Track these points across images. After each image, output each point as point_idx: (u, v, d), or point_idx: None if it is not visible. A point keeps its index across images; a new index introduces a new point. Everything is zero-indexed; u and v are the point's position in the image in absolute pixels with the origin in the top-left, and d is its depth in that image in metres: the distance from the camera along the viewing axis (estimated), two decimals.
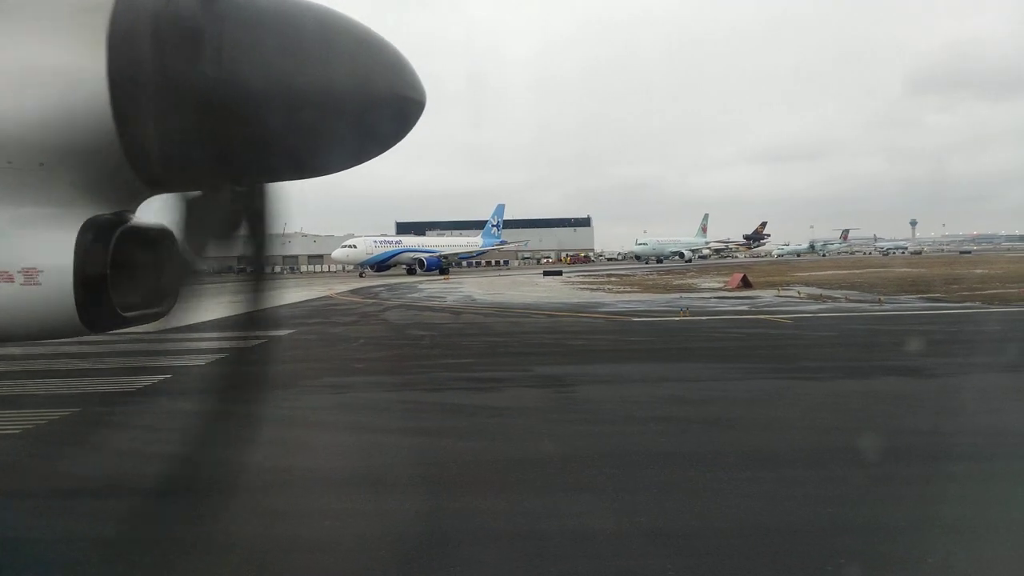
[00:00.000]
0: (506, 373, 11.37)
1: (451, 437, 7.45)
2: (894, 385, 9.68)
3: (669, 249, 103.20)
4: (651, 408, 8.62)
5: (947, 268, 47.96)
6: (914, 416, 7.96)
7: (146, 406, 9.10)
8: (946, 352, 12.79)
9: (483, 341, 16.07)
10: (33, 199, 2.89)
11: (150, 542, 4.70)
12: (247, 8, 2.98)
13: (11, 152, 2.82)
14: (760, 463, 6.12)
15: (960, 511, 4.91)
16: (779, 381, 10.33)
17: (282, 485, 5.84)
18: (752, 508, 5.05)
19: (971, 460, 6.12)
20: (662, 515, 4.97)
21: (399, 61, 3.28)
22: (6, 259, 2.87)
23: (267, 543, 4.68)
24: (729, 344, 14.73)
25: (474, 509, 5.25)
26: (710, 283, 36.97)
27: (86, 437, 7.70)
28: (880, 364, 11.44)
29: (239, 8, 2.95)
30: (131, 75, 2.80)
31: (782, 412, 8.26)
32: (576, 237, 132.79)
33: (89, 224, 2.96)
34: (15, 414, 8.18)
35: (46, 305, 2.93)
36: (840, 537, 4.56)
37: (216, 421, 4.52)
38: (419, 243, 72.46)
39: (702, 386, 9.93)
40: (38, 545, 4.69)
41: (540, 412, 8.49)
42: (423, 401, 9.31)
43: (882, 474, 5.79)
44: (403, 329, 18.91)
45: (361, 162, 3.56)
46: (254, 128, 3.02)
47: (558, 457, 6.47)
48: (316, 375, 11.18)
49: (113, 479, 6.05)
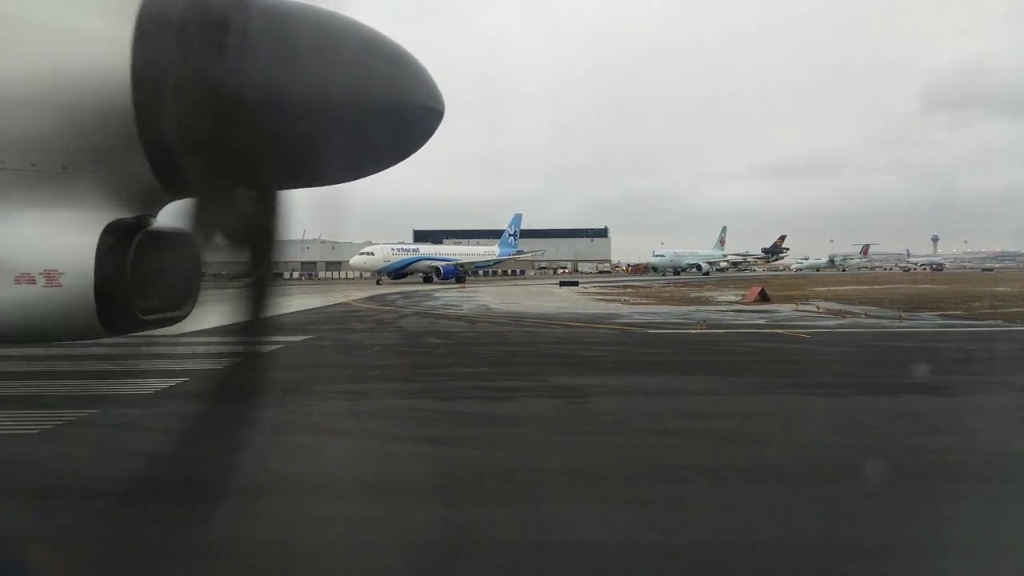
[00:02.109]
0: (520, 383, 11.35)
1: (463, 446, 7.45)
2: (913, 403, 9.54)
3: (686, 261, 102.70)
4: (665, 421, 8.56)
5: (969, 285, 47.34)
6: (933, 435, 7.83)
7: (162, 409, 9.17)
8: (966, 370, 12.60)
9: (498, 350, 16.06)
10: (56, 202, 2.93)
11: (160, 544, 4.73)
12: (275, 14, 3.02)
13: (35, 155, 2.87)
14: (775, 478, 6.05)
15: (977, 532, 4.83)
16: (795, 396, 10.22)
17: (294, 491, 5.86)
18: (765, 524, 5.00)
19: (990, 480, 6.01)
20: (674, 529, 4.93)
21: (419, 71, 3.32)
22: (28, 261, 2.91)
23: (278, 548, 4.69)
24: (746, 358, 14.61)
25: (485, 519, 5.24)
26: (727, 296, 36.74)
27: (103, 438, 7.78)
28: (899, 381, 11.29)
29: (267, 14, 2.99)
30: (155, 80, 2.83)
31: (798, 427, 8.17)
32: (593, 248, 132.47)
33: (111, 227, 3.00)
34: (34, 414, 8.29)
35: (66, 307, 2.97)
36: (853, 556, 4.50)
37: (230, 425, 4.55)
38: (436, 251, 72.77)
39: (717, 399, 9.85)
40: (49, 544, 4.73)
41: (553, 423, 8.46)
42: (436, 409, 9.31)
43: (898, 493, 5.71)
44: (418, 337, 18.95)
45: (380, 170, 3.59)
46: (277, 135, 3.06)
47: (571, 468, 6.44)
48: (330, 381, 11.23)
49: (127, 481, 6.10)
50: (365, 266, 63.85)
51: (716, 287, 50.25)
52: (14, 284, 2.90)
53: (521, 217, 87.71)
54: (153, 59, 2.82)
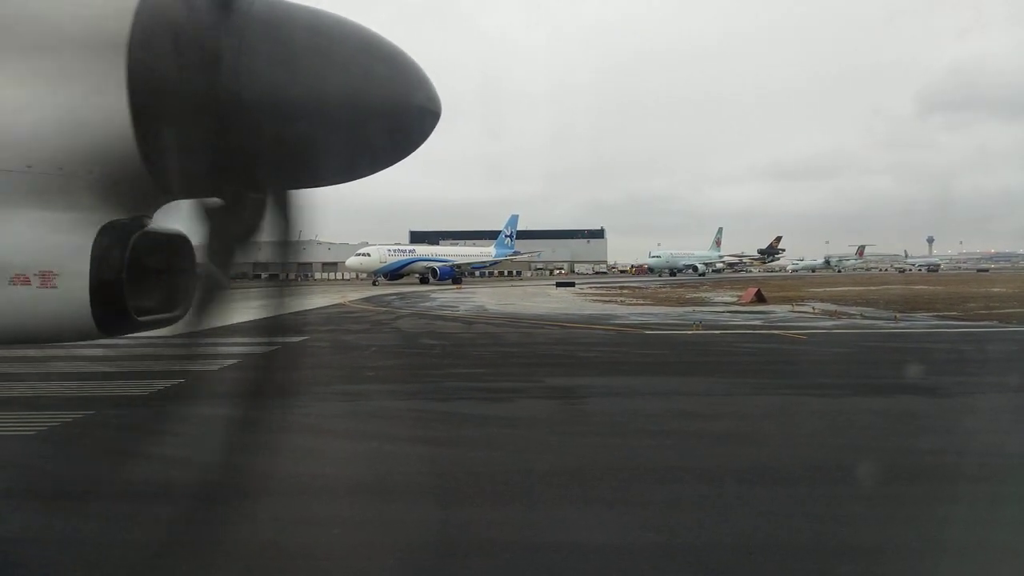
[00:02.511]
0: (517, 384, 11.35)
1: (460, 447, 7.45)
2: (909, 404, 9.57)
3: (683, 262, 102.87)
4: (662, 422, 8.57)
5: (964, 286, 47.49)
6: (928, 436, 7.85)
7: (158, 410, 9.15)
8: (962, 371, 12.64)
9: (494, 351, 16.06)
10: (51, 203, 2.93)
11: (156, 545, 4.73)
12: (268, 18, 3.01)
13: (31, 156, 2.86)
14: (771, 480, 6.06)
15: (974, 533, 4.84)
16: (791, 397, 10.23)
17: (291, 492, 5.85)
18: (761, 525, 5.01)
19: (986, 481, 6.03)
20: (671, 529, 4.93)
21: (415, 71, 3.31)
22: (23, 262, 2.90)
23: (275, 550, 4.68)
24: (742, 359, 14.64)
25: (482, 520, 5.24)
26: (724, 297, 36.79)
27: (99, 440, 7.77)
28: (895, 382, 11.32)
29: (260, 17, 2.98)
30: (150, 82, 2.83)
31: (794, 428, 8.19)
32: (589, 249, 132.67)
33: (106, 228, 2.99)
34: (30, 415, 8.27)
35: (62, 308, 2.96)
36: (849, 557, 4.51)
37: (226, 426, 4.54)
38: (432, 252, 72.78)
39: (714, 400, 9.87)
40: (45, 546, 4.72)
41: (550, 424, 8.46)
42: (433, 410, 9.31)
43: (895, 494, 5.73)
44: (415, 338, 18.94)
45: (375, 171, 3.59)
46: (271, 137, 3.05)
47: (567, 469, 6.44)
48: (327, 382, 11.21)
49: (123, 482, 6.09)
50: (361, 267, 63.87)
51: (712, 288, 50.33)
52: (9, 285, 2.89)
53: (518, 218, 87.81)
54: (149, 59, 2.82)
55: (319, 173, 3.42)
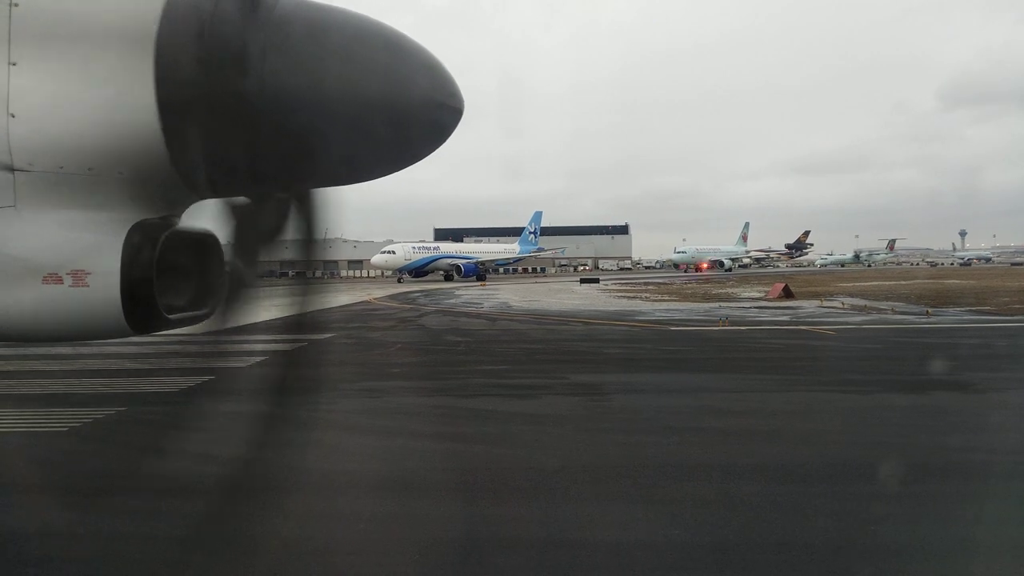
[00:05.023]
0: (541, 380, 11.33)
1: (484, 444, 7.45)
2: (941, 400, 9.39)
3: (708, 258, 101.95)
4: (688, 419, 8.51)
5: (999, 281, 46.46)
6: (960, 433, 7.69)
7: (188, 407, 9.29)
8: (995, 367, 12.37)
9: (518, 348, 16.05)
10: (82, 203, 2.98)
11: (185, 540, 4.80)
12: (292, 17, 3.03)
13: (62, 158, 2.91)
14: (800, 477, 5.98)
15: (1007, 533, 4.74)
16: (820, 394, 10.09)
17: (317, 487, 5.90)
18: (791, 523, 4.94)
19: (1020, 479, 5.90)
20: (698, 527, 4.89)
21: (438, 69, 3.32)
22: (55, 261, 2.96)
23: (301, 545, 4.73)
24: (769, 355, 14.47)
25: (506, 516, 5.24)
26: (750, 292, 36.42)
27: (131, 436, 7.90)
28: (926, 378, 11.11)
29: (284, 18, 3.01)
30: (178, 83, 2.87)
31: (823, 425, 8.07)
32: (614, 245, 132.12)
33: (136, 228, 3.04)
34: (63, 412, 8.44)
35: (93, 306, 3.01)
36: (882, 556, 4.43)
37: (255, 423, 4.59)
38: (456, 249, 72.98)
39: (741, 397, 9.76)
40: (78, 540, 4.81)
41: (575, 421, 8.44)
42: (457, 407, 9.33)
43: (926, 492, 5.62)
44: (439, 335, 19.01)
45: (399, 169, 3.60)
46: (296, 137, 3.08)
47: (592, 466, 6.42)
48: (353, 379, 11.29)
49: (153, 478, 6.19)
50: (386, 264, 64.28)
51: (738, 283, 49.82)
52: (42, 284, 2.95)
53: (541, 215, 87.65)
54: (176, 61, 2.85)
55: (340, 173, 3.45)
